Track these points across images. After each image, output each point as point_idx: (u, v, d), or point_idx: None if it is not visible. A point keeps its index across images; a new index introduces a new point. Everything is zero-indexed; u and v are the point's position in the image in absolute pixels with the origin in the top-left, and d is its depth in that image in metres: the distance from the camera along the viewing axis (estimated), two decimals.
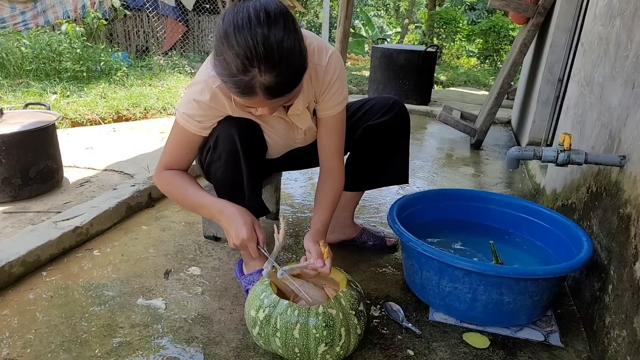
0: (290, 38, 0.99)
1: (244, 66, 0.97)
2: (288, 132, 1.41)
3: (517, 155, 1.41)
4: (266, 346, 1.16)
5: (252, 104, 1.09)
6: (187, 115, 1.25)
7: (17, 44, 4.97)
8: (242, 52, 0.96)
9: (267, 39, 0.96)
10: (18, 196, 2.12)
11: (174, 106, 4.31)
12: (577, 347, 1.31)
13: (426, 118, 4.62)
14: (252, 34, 0.96)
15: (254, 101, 1.06)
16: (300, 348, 1.10)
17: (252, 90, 1.01)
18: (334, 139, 1.42)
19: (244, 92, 1.02)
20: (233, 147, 1.27)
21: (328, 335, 1.09)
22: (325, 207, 1.39)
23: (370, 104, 1.61)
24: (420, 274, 1.39)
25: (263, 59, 0.97)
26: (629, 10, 1.46)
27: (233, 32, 0.97)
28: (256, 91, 1.01)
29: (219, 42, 1.00)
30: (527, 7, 3.30)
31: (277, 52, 0.97)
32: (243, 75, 0.99)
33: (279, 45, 0.97)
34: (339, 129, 1.42)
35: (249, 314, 1.16)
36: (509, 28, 9.99)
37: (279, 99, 1.05)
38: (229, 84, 1.03)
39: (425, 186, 2.65)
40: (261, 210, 1.42)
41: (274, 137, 1.40)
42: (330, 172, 1.44)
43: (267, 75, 0.99)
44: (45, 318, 1.32)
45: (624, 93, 1.36)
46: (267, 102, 1.06)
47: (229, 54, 0.98)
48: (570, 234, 1.45)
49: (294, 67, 1.02)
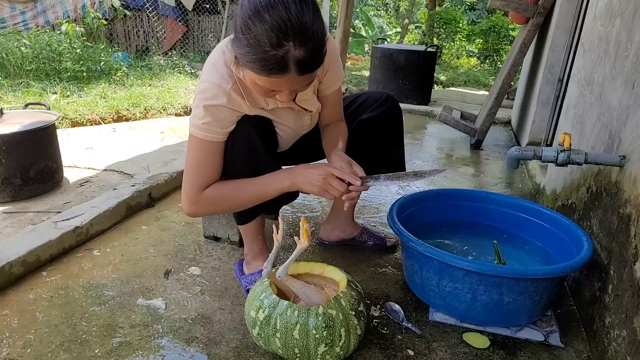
0: (317, 14, 1.01)
1: (278, 40, 0.96)
2: (297, 120, 1.41)
3: (517, 155, 1.41)
4: (266, 346, 1.16)
5: (280, 84, 1.06)
6: (206, 125, 1.19)
7: (17, 44, 4.97)
8: (277, 25, 0.95)
9: (301, 13, 0.97)
10: (18, 196, 2.12)
11: (174, 106, 4.31)
12: (577, 347, 1.31)
13: (426, 118, 4.62)
14: (286, 7, 0.96)
15: (283, 79, 1.03)
16: (300, 348, 1.10)
17: (285, 66, 1.00)
18: (336, 110, 1.49)
19: (277, 68, 1.00)
20: (253, 145, 1.26)
21: (328, 336, 1.09)
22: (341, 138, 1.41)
23: (363, 98, 1.63)
24: (420, 274, 1.39)
25: (298, 32, 0.97)
26: (629, 10, 1.46)
27: (265, 8, 0.96)
28: (289, 67, 1.00)
29: (247, 21, 0.98)
30: (527, 7, 3.30)
31: (309, 25, 0.98)
32: (277, 50, 0.97)
33: (310, 19, 0.98)
34: (340, 102, 1.50)
35: (249, 315, 1.16)
36: (509, 28, 9.99)
37: (307, 75, 1.05)
38: (258, 63, 1.00)
39: (425, 186, 2.65)
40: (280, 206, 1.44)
41: (285, 128, 1.39)
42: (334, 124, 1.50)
43: (301, 49, 0.98)
44: (45, 318, 1.32)
45: (624, 93, 1.36)
46: (296, 80, 1.04)
47: (260, 30, 0.96)
48: (570, 234, 1.45)
49: (322, 42, 1.03)
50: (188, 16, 8.14)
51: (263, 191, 1.26)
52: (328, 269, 1.29)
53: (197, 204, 1.26)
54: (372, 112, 1.57)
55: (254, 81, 1.08)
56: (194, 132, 1.21)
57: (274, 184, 1.25)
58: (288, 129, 1.40)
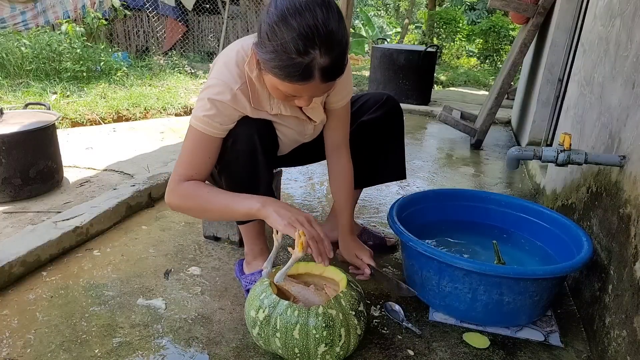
0: (342, 21, 1.02)
1: (304, 47, 0.97)
2: (299, 128, 1.41)
3: (517, 155, 1.41)
4: (266, 346, 1.16)
5: (302, 90, 1.07)
6: (207, 117, 1.19)
7: (17, 44, 4.97)
8: (304, 32, 0.96)
9: (328, 20, 0.97)
10: (18, 196, 2.12)
11: (174, 106, 4.31)
12: (577, 347, 1.31)
13: (426, 118, 4.62)
14: (313, 14, 0.96)
15: (306, 86, 1.04)
16: (300, 348, 1.10)
17: (310, 74, 1.00)
18: (341, 129, 1.47)
19: (302, 76, 1.01)
20: (252, 147, 1.26)
21: (328, 336, 1.09)
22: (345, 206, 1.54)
23: (364, 100, 1.63)
24: (420, 274, 1.39)
25: (324, 40, 0.97)
26: (629, 10, 1.46)
27: (292, 15, 0.96)
28: (314, 74, 1.01)
29: (273, 27, 0.99)
30: (527, 7, 3.30)
31: (336, 33, 0.99)
32: (302, 57, 0.98)
33: (336, 27, 0.99)
34: (346, 120, 1.47)
35: (249, 315, 1.16)
36: (509, 28, 9.99)
37: (330, 83, 1.06)
38: (284, 70, 1.01)
39: (425, 186, 2.65)
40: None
41: (287, 133, 1.39)
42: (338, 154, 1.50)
43: (327, 57, 0.99)
44: (45, 318, 1.32)
45: (624, 93, 1.36)
46: (319, 87, 1.05)
47: (287, 37, 0.97)
48: (570, 234, 1.45)
49: (346, 50, 1.04)
50: (188, 16, 8.14)
51: (232, 206, 1.21)
52: (328, 269, 1.29)
53: (174, 193, 1.24)
54: (372, 114, 1.57)
55: (275, 86, 1.09)
56: (193, 124, 1.21)
57: (244, 204, 1.20)
58: (289, 134, 1.40)
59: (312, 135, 1.48)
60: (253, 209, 1.17)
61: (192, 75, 6.15)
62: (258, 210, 1.17)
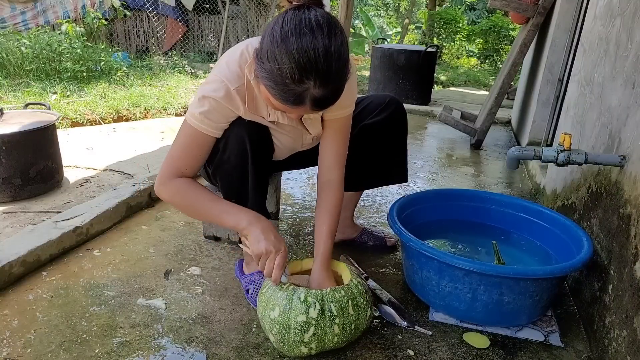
0: (344, 53, 1.01)
1: (300, 77, 0.97)
2: (295, 137, 1.39)
3: (517, 155, 1.41)
4: (319, 347, 1.14)
5: (291, 110, 1.08)
6: (202, 114, 1.19)
7: (17, 44, 4.97)
8: (302, 63, 0.96)
9: (328, 53, 0.97)
10: (18, 196, 2.12)
11: (174, 106, 4.31)
12: (577, 347, 1.31)
13: (426, 118, 4.62)
14: (314, 45, 0.95)
15: (296, 109, 1.06)
16: (355, 322, 1.16)
17: (301, 101, 1.01)
18: (337, 145, 1.37)
19: (293, 101, 1.02)
20: (243, 149, 1.26)
21: (369, 299, 1.21)
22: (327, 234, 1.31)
23: (366, 102, 1.60)
24: (420, 274, 1.39)
25: (321, 73, 0.97)
26: (629, 10, 1.46)
27: (294, 42, 0.96)
28: (305, 102, 1.01)
29: (274, 49, 0.98)
30: (527, 7, 3.30)
31: (334, 67, 0.99)
32: (297, 85, 0.98)
33: (336, 61, 0.98)
34: (344, 133, 1.37)
35: (294, 324, 1.11)
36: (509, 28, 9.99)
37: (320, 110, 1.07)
38: (277, 91, 1.01)
39: (425, 186, 2.65)
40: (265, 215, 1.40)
41: (283, 140, 1.38)
42: (329, 185, 1.37)
43: (320, 89, 0.99)
44: (45, 318, 1.32)
45: (624, 93, 1.36)
46: (309, 111, 1.06)
47: (285, 64, 0.96)
48: (571, 234, 1.45)
49: (343, 83, 1.04)
50: (188, 16, 8.14)
51: (220, 217, 1.25)
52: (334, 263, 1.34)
53: (165, 186, 1.25)
54: (374, 117, 1.55)
55: (267, 96, 1.10)
56: (188, 119, 1.22)
57: (233, 218, 1.23)
58: (286, 142, 1.39)
59: (310, 145, 1.47)
60: (239, 226, 1.22)
61: (192, 75, 6.15)
62: (243, 228, 1.21)
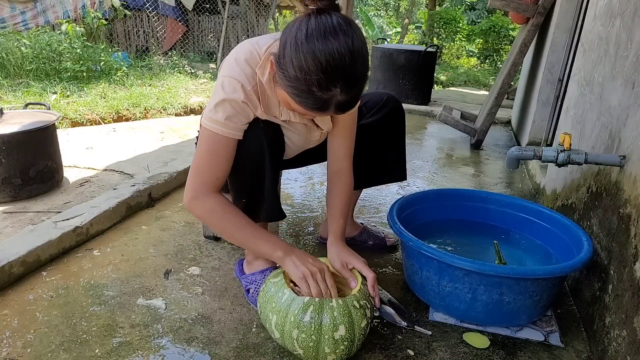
0: (366, 55, 1.01)
1: (327, 85, 0.97)
2: (306, 134, 1.40)
3: (517, 155, 1.41)
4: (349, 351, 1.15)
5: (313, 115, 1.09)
6: (225, 119, 1.16)
7: (17, 44, 4.98)
8: (330, 70, 0.96)
9: (354, 59, 0.97)
10: (18, 196, 2.12)
11: (174, 106, 4.32)
12: (577, 347, 1.31)
13: (426, 118, 4.62)
14: (341, 53, 0.95)
15: (319, 114, 1.07)
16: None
17: (327, 107, 1.02)
18: (346, 139, 1.41)
19: (319, 108, 1.02)
20: (260, 150, 1.24)
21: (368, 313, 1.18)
22: (339, 213, 1.39)
23: (364, 100, 1.59)
24: (420, 274, 1.39)
25: (347, 80, 0.98)
26: (629, 10, 1.46)
27: (320, 49, 0.95)
28: (330, 108, 1.02)
29: (300, 56, 0.97)
30: (527, 7, 3.30)
31: (359, 72, 0.99)
32: (323, 92, 0.98)
33: (361, 65, 0.99)
34: (352, 128, 1.42)
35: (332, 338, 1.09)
36: (509, 28, 10.00)
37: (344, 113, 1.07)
38: (302, 98, 1.01)
39: (425, 186, 2.65)
40: (280, 215, 1.40)
41: (294, 140, 1.38)
42: (339, 174, 1.42)
43: (346, 95, 1.00)
44: (45, 318, 1.32)
45: (624, 93, 1.36)
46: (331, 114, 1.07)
47: (312, 70, 0.96)
48: (571, 234, 1.45)
49: (364, 85, 1.05)
50: (188, 16, 8.15)
51: (254, 246, 1.25)
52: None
53: (200, 201, 1.21)
54: (372, 117, 1.55)
55: (286, 101, 1.09)
56: (209, 127, 1.17)
57: (267, 248, 1.23)
58: (297, 140, 1.39)
59: (318, 142, 1.47)
60: (274, 255, 1.22)
61: (192, 75, 6.15)
62: (279, 258, 1.21)
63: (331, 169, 1.44)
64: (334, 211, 1.40)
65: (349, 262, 1.29)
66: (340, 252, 1.31)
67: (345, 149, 1.42)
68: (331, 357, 1.11)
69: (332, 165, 1.44)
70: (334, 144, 1.42)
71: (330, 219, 1.41)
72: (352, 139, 1.43)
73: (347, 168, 1.43)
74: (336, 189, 1.42)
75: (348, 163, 1.43)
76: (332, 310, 1.09)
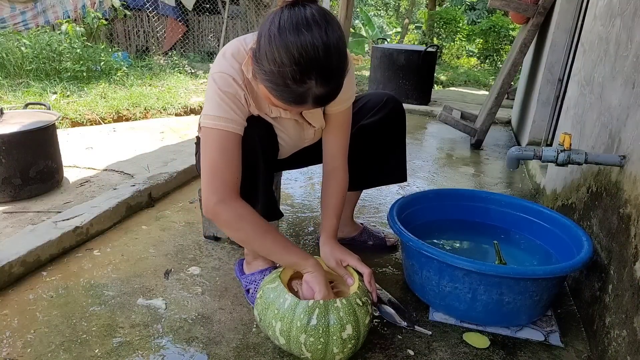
0: (343, 48, 1.00)
1: (301, 77, 0.96)
2: (299, 132, 1.40)
3: (517, 155, 1.41)
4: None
5: (293, 109, 1.08)
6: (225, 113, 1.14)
7: (17, 44, 4.98)
8: (304, 63, 0.95)
9: (328, 51, 0.96)
10: (18, 196, 2.12)
11: (174, 106, 4.31)
12: (577, 347, 1.31)
13: (426, 118, 4.62)
14: (314, 44, 0.94)
15: (298, 107, 1.06)
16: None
17: (303, 100, 1.01)
18: (340, 137, 1.41)
19: (295, 101, 1.02)
20: (253, 149, 1.24)
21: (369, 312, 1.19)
22: (333, 212, 1.40)
23: (364, 101, 1.59)
24: (420, 274, 1.39)
25: (322, 72, 0.97)
26: (629, 10, 1.46)
27: (294, 40, 0.94)
28: (307, 101, 1.01)
29: (273, 49, 0.96)
30: (527, 7, 3.30)
31: (335, 64, 0.98)
32: (298, 85, 0.98)
33: (336, 57, 0.98)
34: (346, 125, 1.41)
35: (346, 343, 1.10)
36: (509, 28, 10.00)
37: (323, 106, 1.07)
38: (278, 91, 1.01)
39: (425, 186, 2.65)
40: (276, 215, 1.40)
41: (286, 138, 1.38)
42: (334, 172, 1.42)
43: (322, 88, 0.99)
44: (45, 318, 1.32)
45: (624, 93, 1.36)
46: (310, 108, 1.07)
47: (286, 64, 0.95)
48: (571, 234, 1.45)
49: (343, 77, 1.04)
50: (188, 16, 8.14)
51: (280, 255, 1.22)
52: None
53: (227, 205, 1.14)
54: (372, 117, 1.55)
55: (267, 96, 1.09)
56: (212, 125, 1.14)
57: (293, 258, 1.21)
58: (289, 139, 1.39)
59: (312, 140, 1.47)
60: (301, 266, 1.22)
61: (192, 75, 6.15)
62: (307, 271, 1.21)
63: (326, 167, 1.44)
64: (328, 210, 1.41)
65: (344, 260, 1.30)
66: (334, 250, 1.32)
67: (338, 147, 1.41)
68: (339, 357, 1.12)
69: (326, 164, 1.44)
70: (328, 142, 1.42)
71: (324, 217, 1.41)
72: (346, 138, 1.43)
73: (342, 167, 1.43)
74: (330, 187, 1.42)
75: (342, 162, 1.43)
76: (338, 311, 1.10)
